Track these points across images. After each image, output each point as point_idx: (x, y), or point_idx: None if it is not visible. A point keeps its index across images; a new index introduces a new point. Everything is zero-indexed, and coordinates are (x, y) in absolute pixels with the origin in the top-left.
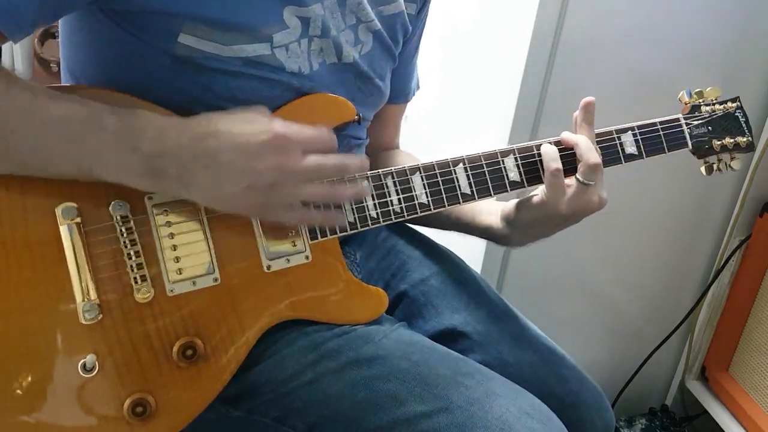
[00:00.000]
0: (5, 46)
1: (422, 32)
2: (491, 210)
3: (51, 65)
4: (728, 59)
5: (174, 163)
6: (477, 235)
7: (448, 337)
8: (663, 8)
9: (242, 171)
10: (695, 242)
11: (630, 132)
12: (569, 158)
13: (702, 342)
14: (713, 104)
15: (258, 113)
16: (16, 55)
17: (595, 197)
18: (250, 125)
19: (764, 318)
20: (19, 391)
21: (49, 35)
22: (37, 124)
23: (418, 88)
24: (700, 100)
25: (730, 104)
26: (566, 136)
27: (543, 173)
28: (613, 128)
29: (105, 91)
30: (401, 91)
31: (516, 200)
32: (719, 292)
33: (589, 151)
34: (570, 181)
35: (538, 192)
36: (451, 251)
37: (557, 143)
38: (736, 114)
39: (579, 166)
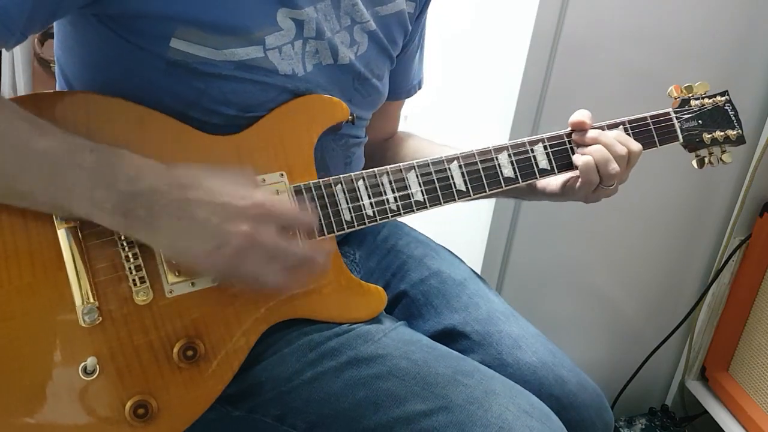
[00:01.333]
0: None
1: (424, 30)
2: None
3: (51, 65)
4: (728, 59)
5: (145, 205)
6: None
7: (448, 337)
8: (662, 8)
9: (213, 231)
10: (695, 242)
11: (621, 127)
12: None
13: (702, 342)
14: (702, 98)
15: (246, 178)
16: (16, 55)
17: (615, 190)
18: (233, 188)
19: (764, 318)
20: (20, 395)
21: (49, 35)
22: (16, 157)
23: (420, 86)
24: (690, 95)
25: (719, 98)
26: (576, 158)
27: (537, 169)
28: (604, 123)
29: (101, 97)
30: (403, 88)
31: (545, 181)
32: (719, 292)
33: (608, 162)
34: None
35: (565, 181)
36: (450, 251)
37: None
38: (726, 107)
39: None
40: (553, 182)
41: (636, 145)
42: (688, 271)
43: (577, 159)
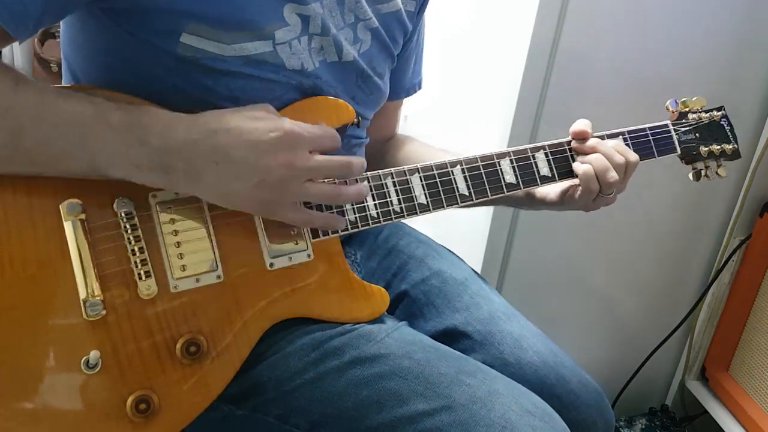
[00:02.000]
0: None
1: (423, 30)
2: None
3: (51, 65)
4: (727, 60)
5: (182, 157)
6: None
7: (449, 337)
8: (661, 12)
9: (253, 167)
10: (695, 242)
11: (621, 137)
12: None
13: (702, 342)
14: (699, 112)
15: (266, 110)
16: (16, 55)
17: (614, 199)
18: (261, 122)
19: (764, 318)
20: (22, 387)
21: (49, 35)
22: (45, 124)
23: (420, 86)
24: (686, 109)
25: (715, 113)
26: (576, 166)
27: (538, 176)
28: (604, 133)
29: (108, 92)
30: (402, 87)
31: (545, 191)
32: (719, 292)
33: (606, 171)
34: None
35: (564, 189)
36: (451, 251)
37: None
38: (722, 122)
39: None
40: (552, 192)
41: (634, 156)
42: (688, 271)
43: (577, 167)
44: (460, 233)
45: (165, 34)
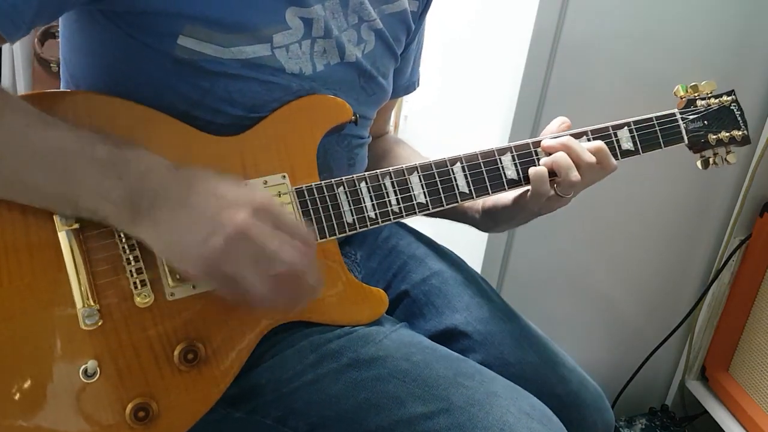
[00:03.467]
0: (5, 46)
1: (423, 29)
2: (473, 203)
3: (51, 65)
4: (728, 59)
5: (149, 197)
6: (451, 219)
7: (449, 337)
8: (662, 8)
9: (208, 219)
10: (695, 242)
11: (626, 128)
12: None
13: (702, 342)
14: (708, 98)
15: (255, 189)
16: (16, 55)
17: (569, 201)
18: (239, 188)
19: (764, 318)
20: (20, 397)
21: (49, 35)
22: (27, 153)
23: (417, 85)
24: (696, 94)
25: (725, 98)
26: (546, 152)
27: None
28: (609, 124)
29: (104, 97)
30: (400, 85)
31: (496, 197)
32: (719, 292)
33: (569, 170)
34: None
35: (517, 194)
36: (451, 251)
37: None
38: (732, 107)
39: (558, 182)
40: (505, 197)
41: (612, 164)
42: (688, 271)
43: (532, 168)
44: (460, 233)
45: (162, 36)
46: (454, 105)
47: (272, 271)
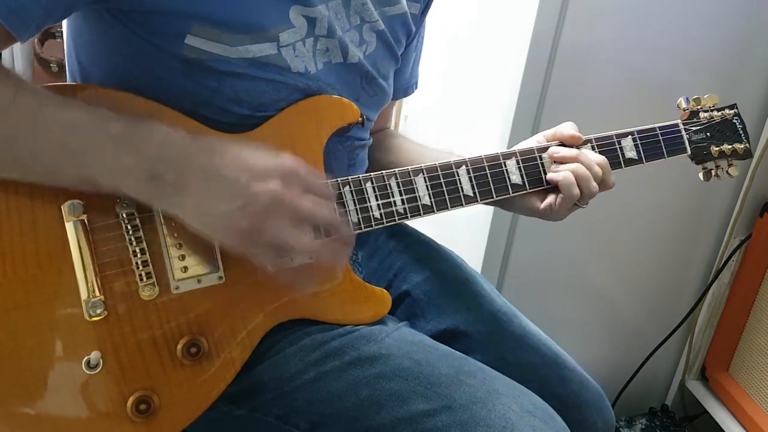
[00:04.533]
0: None
1: (424, 31)
2: None
3: (51, 65)
4: (728, 60)
5: (174, 168)
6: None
7: (450, 337)
8: (661, 12)
9: (240, 190)
10: (695, 242)
11: (630, 137)
12: None
13: (702, 342)
14: (711, 111)
15: (269, 148)
16: (16, 55)
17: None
18: (260, 151)
19: (764, 318)
20: (23, 386)
21: (49, 35)
22: (42, 133)
23: (416, 87)
24: (698, 107)
25: (727, 111)
26: (557, 161)
27: (545, 177)
28: (613, 133)
29: (110, 91)
30: (400, 87)
31: (521, 204)
32: (719, 292)
33: (589, 181)
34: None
35: (546, 203)
36: (451, 251)
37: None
38: (734, 121)
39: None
40: (529, 205)
41: (611, 180)
42: (688, 271)
43: (554, 176)
44: (460, 233)
45: (170, 35)
46: (455, 106)
47: (314, 224)
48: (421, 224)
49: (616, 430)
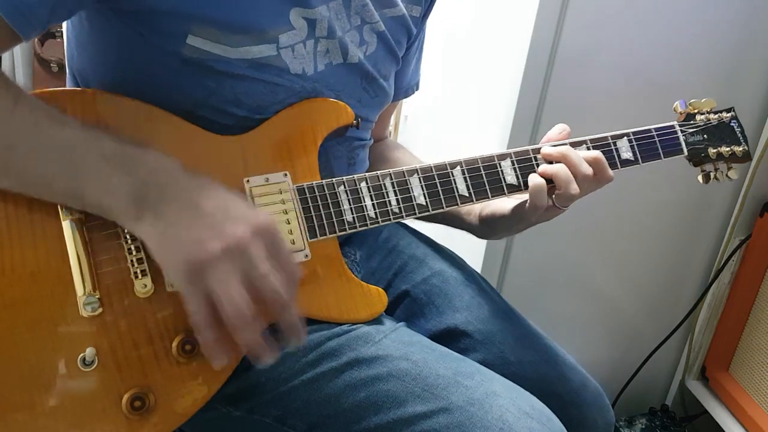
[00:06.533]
0: None
1: (424, 33)
2: (470, 209)
3: (51, 65)
4: (728, 60)
5: (159, 191)
6: (449, 225)
7: (450, 336)
8: (660, 14)
9: (211, 224)
10: (695, 242)
11: (626, 138)
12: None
13: (702, 342)
14: (708, 114)
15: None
16: (16, 55)
17: (566, 209)
18: (247, 206)
19: (764, 318)
20: (18, 383)
21: (49, 35)
22: (37, 149)
23: (417, 88)
24: (695, 110)
25: (724, 114)
26: (545, 168)
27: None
28: (608, 134)
29: (109, 94)
30: (400, 88)
31: (494, 206)
32: (719, 292)
33: (569, 183)
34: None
35: (515, 203)
36: (451, 251)
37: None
38: (731, 123)
39: (558, 194)
40: (502, 208)
41: (609, 175)
42: (688, 271)
43: (531, 178)
44: (460, 233)
45: (172, 35)
46: (455, 106)
47: (258, 292)
48: (421, 224)
49: (616, 430)
